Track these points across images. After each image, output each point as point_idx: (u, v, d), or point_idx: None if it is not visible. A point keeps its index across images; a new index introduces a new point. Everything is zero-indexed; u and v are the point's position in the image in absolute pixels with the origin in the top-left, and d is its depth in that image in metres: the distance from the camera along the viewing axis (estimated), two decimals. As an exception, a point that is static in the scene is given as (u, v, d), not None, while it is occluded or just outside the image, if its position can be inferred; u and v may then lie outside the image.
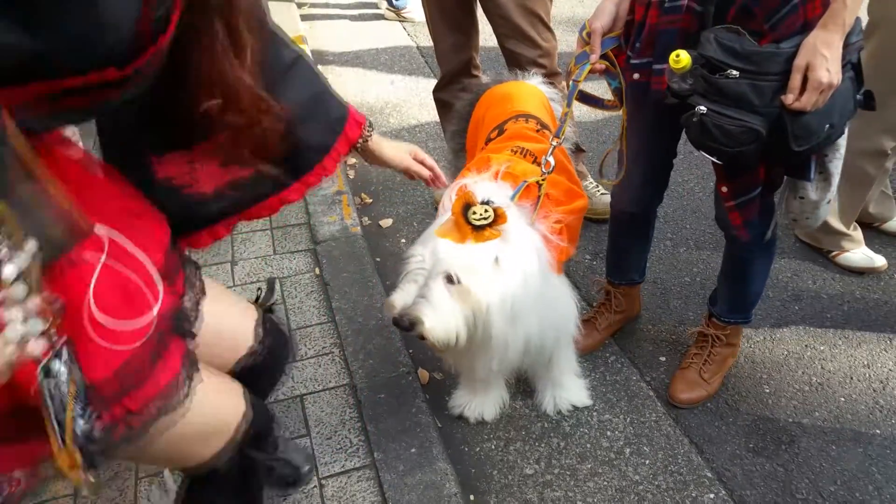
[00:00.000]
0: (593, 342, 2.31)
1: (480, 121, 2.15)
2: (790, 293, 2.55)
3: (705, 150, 1.59)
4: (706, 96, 1.53)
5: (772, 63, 1.48)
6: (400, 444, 1.90)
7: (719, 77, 1.50)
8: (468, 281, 1.48)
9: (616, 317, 2.36)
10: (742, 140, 1.52)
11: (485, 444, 2.00)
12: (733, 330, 2.16)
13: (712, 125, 1.52)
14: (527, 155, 1.82)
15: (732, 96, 1.50)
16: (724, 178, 1.79)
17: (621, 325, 2.39)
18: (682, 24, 1.61)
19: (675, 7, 1.61)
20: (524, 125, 1.96)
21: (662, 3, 1.63)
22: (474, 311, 1.51)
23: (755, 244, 1.92)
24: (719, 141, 1.54)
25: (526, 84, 2.26)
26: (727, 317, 2.12)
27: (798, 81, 1.46)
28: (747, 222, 1.84)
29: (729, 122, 1.51)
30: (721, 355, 2.16)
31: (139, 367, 1.05)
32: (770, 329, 2.39)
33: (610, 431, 2.03)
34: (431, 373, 2.19)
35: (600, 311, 2.36)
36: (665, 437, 2.01)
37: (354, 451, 1.90)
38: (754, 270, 2.02)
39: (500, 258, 1.51)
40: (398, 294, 1.52)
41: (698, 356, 2.16)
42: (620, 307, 2.35)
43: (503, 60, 2.66)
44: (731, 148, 1.54)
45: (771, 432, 2.04)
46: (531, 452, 1.97)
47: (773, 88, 1.49)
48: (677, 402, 2.12)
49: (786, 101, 1.48)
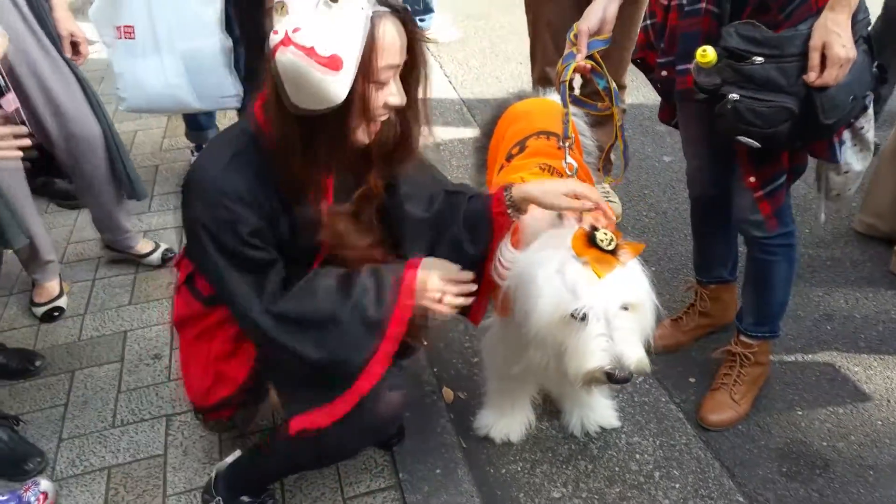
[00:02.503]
0: (674, 342, 2.31)
1: (502, 137, 2.15)
2: (822, 312, 2.50)
3: (741, 135, 1.67)
4: (736, 84, 1.63)
5: (792, 45, 1.58)
6: (425, 465, 1.88)
7: (745, 65, 1.61)
8: (639, 299, 1.47)
9: (702, 320, 2.33)
10: (776, 119, 1.62)
11: (510, 465, 1.97)
12: (761, 347, 2.12)
13: (746, 109, 1.62)
14: (553, 172, 1.81)
15: (760, 81, 1.60)
16: (751, 168, 1.85)
17: (708, 331, 2.36)
18: (701, 26, 1.73)
19: (695, 10, 1.74)
20: (546, 142, 1.95)
21: (682, 6, 1.76)
22: (645, 322, 1.51)
23: (779, 243, 1.94)
24: (754, 124, 1.63)
25: (547, 100, 2.26)
26: (753, 331, 2.09)
27: (817, 60, 1.56)
28: (777, 211, 1.89)
29: (761, 105, 1.61)
30: (751, 375, 2.12)
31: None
32: (801, 349, 2.34)
33: (639, 454, 2.00)
34: (456, 392, 2.17)
35: (687, 312, 2.35)
36: (695, 461, 1.97)
37: (379, 471, 1.88)
38: (777, 275, 2.00)
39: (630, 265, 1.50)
40: (594, 356, 1.42)
41: (728, 377, 2.13)
42: (706, 309, 2.32)
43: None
44: (767, 129, 1.63)
45: (804, 456, 1.99)
46: (558, 475, 1.94)
47: (797, 68, 1.59)
48: (707, 425, 2.08)
49: (809, 80, 1.58)
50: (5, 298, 2.56)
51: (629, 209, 3.07)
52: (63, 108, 2.26)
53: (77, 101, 2.29)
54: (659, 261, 2.76)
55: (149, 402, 2.10)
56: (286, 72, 1.23)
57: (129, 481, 1.86)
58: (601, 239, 1.43)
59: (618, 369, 1.41)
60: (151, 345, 2.32)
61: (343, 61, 1.23)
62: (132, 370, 2.22)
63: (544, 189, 1.56)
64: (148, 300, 2.53)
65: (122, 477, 1.88)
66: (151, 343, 2.33)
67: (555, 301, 1.45)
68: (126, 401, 2.11)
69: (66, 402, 2.11)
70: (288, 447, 1.61)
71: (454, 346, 2.35)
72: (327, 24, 1.22)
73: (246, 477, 1.71)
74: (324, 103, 1.26)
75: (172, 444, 1.96)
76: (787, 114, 1.61)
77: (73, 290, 2.58)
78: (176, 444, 1.96)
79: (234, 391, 1.58)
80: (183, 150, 3.50)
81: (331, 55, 1.21)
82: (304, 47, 1.20)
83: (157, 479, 1.86)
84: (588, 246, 1.43)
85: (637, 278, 1.49)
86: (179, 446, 1.96)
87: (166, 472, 1.89)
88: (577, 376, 1.46)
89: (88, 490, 1.84)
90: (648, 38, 1.94)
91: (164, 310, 2.47)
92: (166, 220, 2.99)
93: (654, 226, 2.99)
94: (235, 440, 1.86)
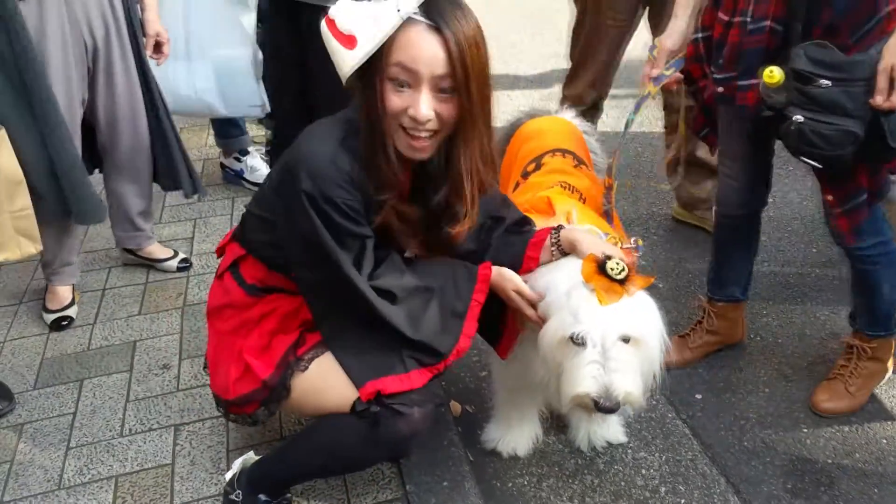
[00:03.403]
0: (682, 359, 2.33)
1: (515, 155, 2.17)
2: (827, 331, 2.50)
3: (805, 156, 1.69)
4: (801, 106, 1.64)
5: (860, 69, 1.60)
6: (432, 477, 1.88)
7: (811, 87, 1.62)
8: (641, 334, 1.47)
9: (710, 338, 2.35)
10: (841, 143, 1.63)
11: (517, 479, 1.98)
12: (880, 344, 2.13)
13: (810, 132, 1.64)
14: (573, 191, 1.84)
15: (826, 104, 1.62)
16: (828, 187, 1.86)
17: (716, 349, 2.38)
18: (765, 44, 1.75)
19: (759, 28, 1.75)
20: (562, 160, 1.97)
21: (745, 23, 1.77)
22: (648, 359, 1.51)
23: (871, 253, 1.96)
24: (818, 146, 1.65)
25: (560, 119, 2.29)
26: (869, 330, 2.12)
27: (885, 83, 1.58)
28: (856, 228, 1.90)
29: (826, 128, 1.62)
30: (868, 370, 2.15)
31: None
32: (807, 367, 2.35)
33: (645, 469, 2.00)
34: (464, 405, 2.18)
35: (695, 329, 2.36)
36: (701, 477, 1.97)
37: (386, 482, 1.89)
38: (878, 282, 2.02)
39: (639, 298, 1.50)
40: (583, 382, 1.44)
41: (845, 367, 2.16)
42: (713, 327, 2.33)
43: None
44: (831, 151, 1.65)
45: (809, 473, 2.00)
46: (564, 489, 1.94)
47: (864, 92, 1.61)
48: (819, 411, 2.15)
49: (875, 103, 1.60)
50: (15, 307, 2.58)
51: (638, 227, 3.10)
52: (119, 102, 2.36)
53: (134, 98, 2.39)
54: (667, 277, 2.78)
55: (157, 411, 2.11)
56: (322, 35, 1.42)
57: (137, 490, 1.87)
58: (612, 268, 1.45)
59: (604, 398, 1.42)
60: (161, 355, 2.34)
61: (358, 42, 1.36)
62: (141, 380, 2.24)
63: (590, 245, 1.58)
64: (157, 310, 2.54)
65: (129, 486, 1.88)
66: (161, 353, 2.34)
67: (559, 322, 1.47)
68: (134, 410, 2.12)
69: (75, 411, 2.12)
70: (309, 452, 1.66)
71: (462, 359, 2.34)
72: (359, 8, 1.37)
73: (268, 476, 1.73)
74: (342, 74, 1.41)
75: (180, 453, 1.97)
76: (852, 137, 1.62)
77: (82, 299, 2.59)
78: (184, 453, 1.97)
79: (256, 387, 1.61)
80: (195, 163, 3.52)
81: (348, 33, 1.36)
82: (329, 18, 1.40)
83: (164, 489, 1.87)
84: (597, 273, 1.45)
85: (645, 313, 1.50)
86: (187, 456, 1.96)
87: (174, 481, 1.89)
88: (567, 399, 1.48)
89: (96, 499, 1.85)
90: (698, 51, 1.95)
91: (174, 320, 2.49)
92: (177, 230, 3.02)
93: (664, 242, 3.02)
94: (244, 450, 1.87)
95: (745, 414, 2.19)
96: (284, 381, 1.60)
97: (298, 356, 1.61)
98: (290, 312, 1.65)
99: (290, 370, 1.60)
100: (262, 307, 1.64)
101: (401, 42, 1.36)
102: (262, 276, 1.65)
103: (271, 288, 1.65)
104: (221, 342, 1.69)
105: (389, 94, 1.40)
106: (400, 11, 1.33)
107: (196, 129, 3.89)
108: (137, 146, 2.46)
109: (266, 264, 1.64)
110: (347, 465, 1.74)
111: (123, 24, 2.31)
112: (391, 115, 1.42)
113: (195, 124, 3.94)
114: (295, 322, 1.66)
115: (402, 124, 1.43)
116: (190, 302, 2.58)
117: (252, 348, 1.62)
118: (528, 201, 1.82)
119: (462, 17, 1.38)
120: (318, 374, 1.59)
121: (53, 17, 2.11)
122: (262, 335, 1.63)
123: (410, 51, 1.36)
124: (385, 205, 1.49)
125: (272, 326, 1.64)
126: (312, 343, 1.62)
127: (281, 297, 1.65)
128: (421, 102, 1.39)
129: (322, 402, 1.60)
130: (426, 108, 1.39)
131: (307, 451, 1.69)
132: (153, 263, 2.74)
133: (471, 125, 1.45)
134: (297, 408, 1.68)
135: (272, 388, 1.60)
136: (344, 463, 1.69)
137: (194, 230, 3.03)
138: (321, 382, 1.59)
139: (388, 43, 1.36)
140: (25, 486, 1.89)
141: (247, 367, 1.61)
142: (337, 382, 1.56)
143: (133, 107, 2.40)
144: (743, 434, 2.12)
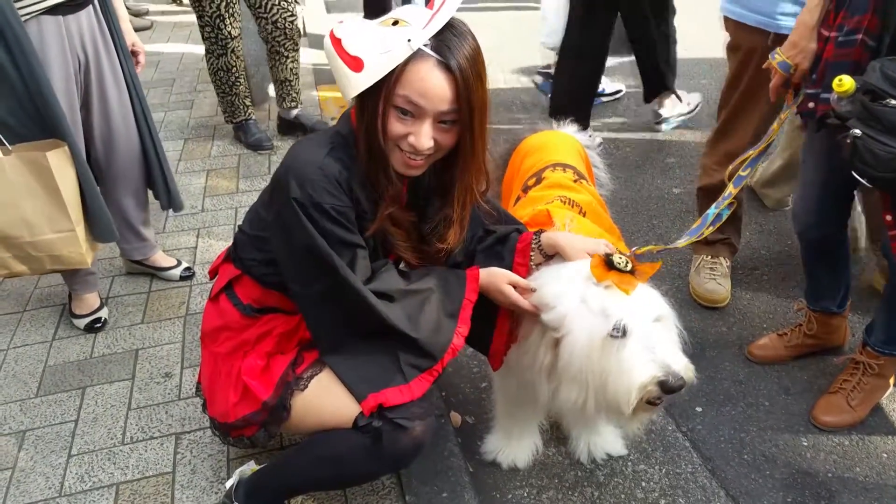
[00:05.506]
0: (773, 355, 2.36)
1: (517, 170, 2.19)
2: (828, 345, 2.50)
3: (855, 171, 1.66)
4: (863, 121, 1.61)
5: None
6: (432, 489, 1.88)
7: (879, 105, 1.58)
8: (667, 312, 1.51)
9: (807, 340, 2.36)
10: (891, 166, 1.58)
11: (517, 490, 1.98)
12: (887, 361, 2.14)
13: (864, 148, 1.60)
14: (573, 205, 1.85)
15: (888, 125, 1.57)
16: (889, 207, 1.84)
17: (813, 351, 2.39)
18: (854, 57, 1.73)
19: (850, 41, 1.73)
20: (562, 174, 1.99)
21: (837, 38, 1.76)
22: (675, 334, 1.53)
23: None
24: (869, 164, 1.61)
25: (562, 133, 2.30)
26: (882, 348, 2.11)
27: None
28: None
29: (880, 148, 1.58)
30: (871, 385, 2.15)
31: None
32: (808, 380, 2.35)
33: (645, 482, 2.00)
34: (464, 416, 2.18)
35: (794, 330, 2.38)
36: (701, 489, 1.97)
37: (386, 493, 1.89)
38: None
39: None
40: (644, 369, 1.41)
41: (847, 382, 2.16)
42: (812, 331, 2.34)
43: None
44: (881, 172, 1.61)
45: (809, 487, 1.99)
46: (564, 501, 1.94)
47: None
48: (820, 425, 2.15)
49: None
50: (19, 315, 2.59)
51: (637, 239, 3.10)
52: (112, 113, 2.38)
53: (125, 109, 2.41)
54: (666, 292, 2.77)
55: (158, 419, 2.12)
56: (325, 51, 1.42)
57: (138, 498, 1.87)
58: (618, 262, 1.48)
59: (671, 376, 1.40)
60: (162, 363, 2.34)
61: (365, 66, 1.36)
62: (143, 388, 2.24)
63: (572, 244, 1.62)
64: (160, 319, 2.56)
65: (130, 494, 1.89)
66: (163, 362, 2.35)
67: (587, 330, 1.45)
68: (136, 418, 2.13)
69: (77, 419, 2.13)
70: (309, 465, 1.65)
71: (462, 370, 2.37)
72: (370, 34, 1.38)
73: (265, 488, 1.73)
74: (345, 94, 1.42)
75: (181, 461, 1.98)
76: None
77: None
78: (185, 462, 1.98)
79: (256, 409, 1.60)
80: (199, 174, 3.55)
81: (355, 56, 1.36)
82: (335, 37, 1.39)
83: (165, 497, 1.87)
84: (607, 270, 1.47)
85: (656, 293, 1.53)
86: (188, 464, 1.97)
87: (174, 489, 1.90)
88: (629, 397, 1.41)
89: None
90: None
91: (176, 329, 2.50)
92: (180, 240, 3.03)
93: (664, 256, 3.01)
94: (244, 459, 1.87)
95: (745, 427, 2.19)
96: (284, 402, 1.59)
97: (297, 375, 1.60)
98: (287, 332, 1.66)
99: (289, 390, 1.59)
100: (258, 328, 1.64)
101: (409, 75, 1.36)
102: (259, 296, 1.65)
103: (268, 308, 1.66)
104: (218, 365, 1.68)
105: (392, 119, 1.41)
106: (410, 42, 1.34)
107: (200, 141, 3.93)
108: (132, 157, 2.47)
109: (261, 283, 1.64)
110: (348, 480, 1.73)
111: (109, 38, 2.33)
112: (391, 138, 1.44)
113: (199, 136, 3.97)
114: (292, 342, 1.67)
115: (401, 147, 1.45)
116: (192, 311, 2.59)
117: (250, 369, 1.62)
118: (528, 215, 1.84)
119: (469, 51, 1.39)
120: (318, 391, 1.58)
121: (53, 37, 2.13)
122: (260, 356, 1.63)
123: (418, 85, 1.37)
124: (381, 211, 1.52)
125: (270, 347, 1.64)
126: (310, 361, 1.62)
127: (278, 318, 1.66)
128: (423, 134, 1.41)
129: (323, 419, 1.58)
130: (427, 140, 1.42)
131: (307, 463, 1.67)
132: (156, 272, 2.76)
133: (470, 151, 1.49)
134: (297, 427, 1.66)
135: (272, 408, 1.59)
136: (344, 477, 1.67)
137: (198, 240, 3.05)
138: (321, 400, 1.58)
139: (395, 72, 1.36)
140: (27, 493, 1.89)
141: (245, 388, 1.61)
142: (337, 399, 1.56)
143: (125, 118, 2.41)
144: (743, 447, 2.12)
